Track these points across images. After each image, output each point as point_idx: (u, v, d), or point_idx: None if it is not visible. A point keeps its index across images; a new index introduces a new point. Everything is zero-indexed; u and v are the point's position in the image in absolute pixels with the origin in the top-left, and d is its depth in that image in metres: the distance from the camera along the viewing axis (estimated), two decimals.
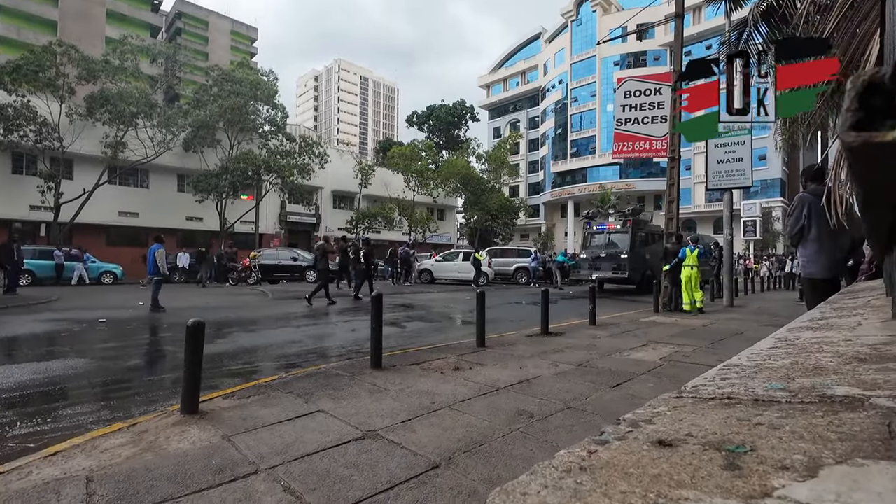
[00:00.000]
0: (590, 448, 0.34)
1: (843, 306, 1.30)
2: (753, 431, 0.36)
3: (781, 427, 0.37)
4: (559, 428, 2.71)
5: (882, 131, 0.39)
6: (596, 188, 45.92)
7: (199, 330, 3.11)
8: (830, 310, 1.25)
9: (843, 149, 0.45)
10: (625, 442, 0.36)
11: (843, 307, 1.25)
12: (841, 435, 0.35)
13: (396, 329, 7.51)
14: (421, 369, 4.31)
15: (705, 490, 0.28)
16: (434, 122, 52.71)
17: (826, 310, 1.25)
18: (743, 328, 7.22)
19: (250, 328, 7.57)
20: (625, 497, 0.27)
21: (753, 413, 0.41)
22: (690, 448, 0.34)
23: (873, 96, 0.39)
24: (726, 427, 0.37)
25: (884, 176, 0.45)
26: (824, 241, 3.59)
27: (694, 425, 0.38)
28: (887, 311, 1.06)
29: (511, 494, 0.30)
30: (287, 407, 3.21)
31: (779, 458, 0.31)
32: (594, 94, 50.08)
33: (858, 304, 1.30)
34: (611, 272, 16.07)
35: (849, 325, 0.93)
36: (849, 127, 0.42)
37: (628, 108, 10.62)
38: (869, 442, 0.33)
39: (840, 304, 1.36)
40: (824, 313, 1.15)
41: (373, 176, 33.74)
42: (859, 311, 1.08)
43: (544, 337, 6.22)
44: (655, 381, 3.80)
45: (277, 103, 28.12)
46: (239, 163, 24.60)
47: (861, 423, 0.37)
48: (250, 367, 4.91)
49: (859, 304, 1.32)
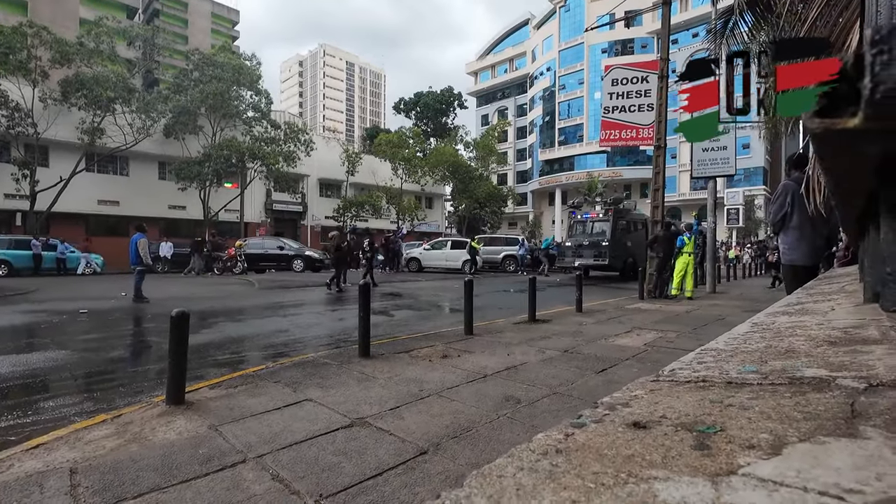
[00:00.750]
0: (566, 431, 0.35)
1: (818, 291, 1.34)
2: (725, 412, 0.37)
3: (751, 408, 0.38)
4: (545, 413, 2.76)
5: (844, 118, 0.40)
6: (583, 176, 46.16)
7: (184, 320, 3.07)
8: (806, 295, 1.29)
9: (809, 136, 0.46)
10: (601, 424, 0.37)
11: (818, 292, 1.29)
12: (806, 414, 0.36)
13: (384, 318, 7.52)
14: (409, 357, 4.33)
15: (675, 469, 0.29)
16: (422, 109, 52.16)
17: (802, 295, 1.29)
18: (724, 314, 7.39)
19: (237, 318, 7.51)
20: (597, 477, 0.28)
21: (726, 395, 0.42)
22: (663, 429, 0.35)
23: (838, 84, 0.40)
24: (699, 409, 0.39)
25: (848, 163, 0.46)
26: (805, 229, 3.65)
27: (669, 408, 0.40)
28: (860, 296, 1.09)
29: (488, 477, 0.30)
30: (275, 396, 3.21)
31: (746, 437, 0.32)
32: (582, 82, 50.03)
33: (833, 290, 1.34)
34: (592, 259, 16.63)
35: (822, 309, 0.96)
36: (813, 114, 0.42)
37: (615, 96, 10.64)
38: (832, 421, 0.34)
39: (816, 290, 1.40)
40: (800, 298, 1.18)
41: (360, 164, 33.41)
42: (833, 297, 1.11)
43: (532, 324, 6.29)
44: (639, 366, 3.88)
45: (261, 89, 27.52)
46: (222, 150, 24.10)
47: (826, 402, 0.39)
48: (237, 356, 4.88)
49: (834, 289, 1.36)
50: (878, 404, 0.37)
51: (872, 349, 0.56)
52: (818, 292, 1.25)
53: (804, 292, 1.34)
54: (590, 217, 17.76)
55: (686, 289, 9.47)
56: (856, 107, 0.39)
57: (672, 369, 0.54)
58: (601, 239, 16.68)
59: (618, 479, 0.28)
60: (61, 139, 22.35)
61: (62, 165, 22.56)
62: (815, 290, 1.42)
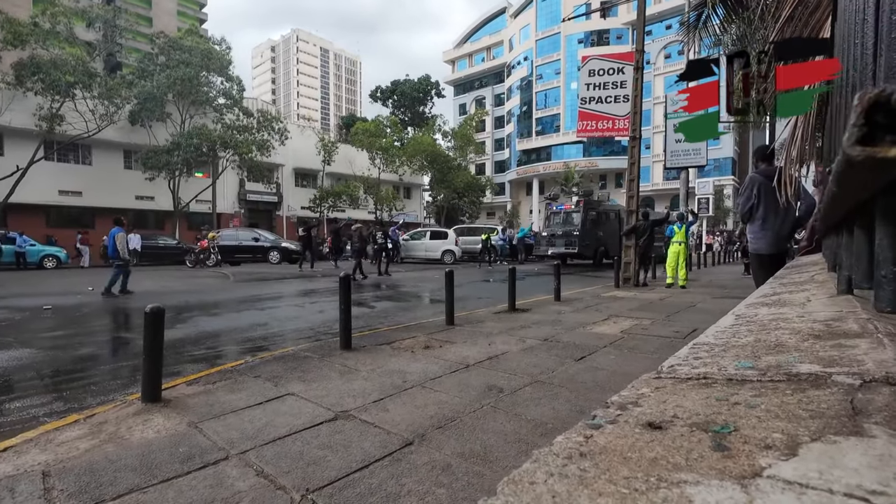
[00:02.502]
0: (585, 433, 0.36)
1: (790, 281, 1.41)
2: (733, 411, 0.39)
3: (757, 406, 0.40)
4: (527, 401, 2.81)
5: (883, 147, 0.42)
6: (560, 166, 46.62)
7: (159, 315, 2.98)
8: (780, 285, 1.35)
9: (843, 161, 0.48)
10: (617, 425, 0.38)
11: (791, 282, 1.35)
12: (811, 412, 0.38)
13: (365, 309, 7.48)
14: (391, 349, 4.33)
15: (701, 472, 0.30)
16: (399, 97, 51.55)
17: (776, 285, 1.35)
18: (696, 301, 7.65)
19: (212, 312, 7.33)
20: (629, 482, 0.29)
21: (730, 392, 0.44)
22: (679, 430, 0.36)
23: (877, 113, 0.41)
24: (707, 407, 0.40)
25: (873, 184, 0.49)
26: (770, 219, 3.82)
27: (678, 406, 0.41)
28: (830, 287, 1.15)
29: (520, 484, 0.31)
30: (256, 391, 3.16)
31: (760, 437, 0.34)
32: (559, 72, 50.28)
33: (804, 280, 1.41)
34: (564, 248, 17.83)
35: (799, 300, 1.01)
36: (854, 141, 0.44)
37: (592, 87, 10.74)
38: (837, 419, 0.36)
39: (787, 280, 1.47)
40: (775, 289, 1.24)
41: (336, 153, 32.87)
42: (806, 287, 1.17)
43: (512, 313, 6.36)
44: (617, 352, 3.99)
45: (232, 75, 26.62)
46: (192, 138, 23.27)
47: (827, 400, 0.41)
48: (214, 351, 4.77)
49: (804, 278, 1.43)
50: (875, 401, 0.39)
51: (856, 343, 0.59)
52: (791, 282, 1.31)
53: (777, 282, 1.40)
54: (563, 208, 18.87)
55: (680, 277, 9.74)
56: (893, 136, 0.41)
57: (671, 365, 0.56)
58: (573, 229, 17.71)
59: (649, 484, 0.29)
60: (17, 126, 21.17)
61: (18, 154, 21.39)
62: (787, 279, 1.49)
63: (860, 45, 0.96)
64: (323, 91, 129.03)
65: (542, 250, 18.91)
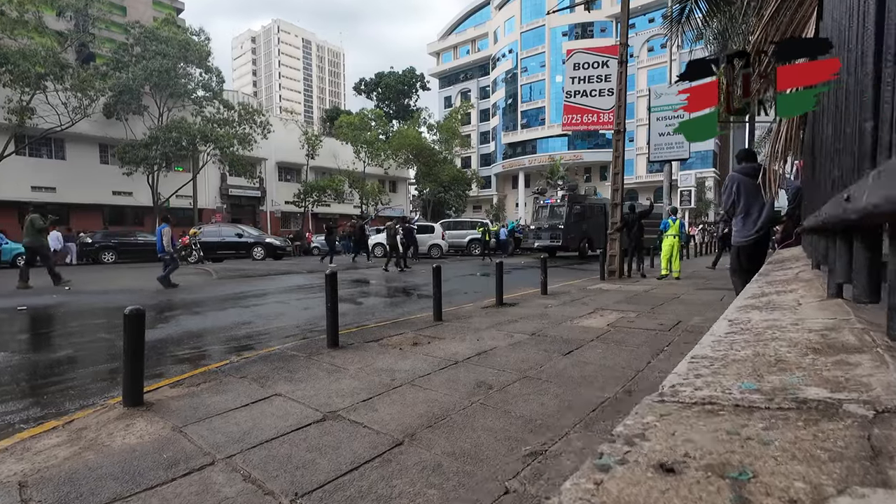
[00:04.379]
0: (594, 477, 0.34)
1: (776, 279, 1.42)
2: (747, 449, 0.38)
3: (772, 443, 0.39)
4: (516, 397, 2.82)
5: None
6: (546, 159, 46.83)
7: (139, 317, 2.90)
8: (767, 284, 1.36)
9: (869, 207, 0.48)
10: (627, 467, 0.36)
11: (777, 280, 1.36)
12: (830, 453, 0.37)
13: (352, 306, 7.42)
14: (379, 346, 4.30)
15: None
16: (383, 90, 50.99)
17: (763, 284, 1.36)
18: (679, 292, 7.77)
19: (195, 310, 7.19)
20: None
21: (739, 424, 0.43)
22: (694, 474, 0.34)
23: None
24: (719, 443, 0.39)
25: None
26: (749, 214, 4.09)
27: (687, 441, 0.40)
28: (817, 287, 1.16)
29: None
30: (242, 392, 3.11)
31: (782, 486, 0.33)
32: (543, 65, 50.32)
33: (789, 278, 1.43)
34: (549, 241, 18.53)
35: (789, 303, 1.01)
36: None
37: (577, 81, 10.77)
38: (858, 462, 0.35)
39: (773, 278, 1.48)
40: (763, 288, 1.25)
41: (320, 147, 32.46)
42: (793, 287, 1.17)
43: (499, 308, 6.38)
44: (603, 346, 4.03)
45: (211, 66, 25.99)
46: (171, 132, 22.69)
47: (843, 436, 0.40)
48: (198, 351, 4.68)
49: (789, 276, 1.45)
50: (892, 437, 0.39)
51: (859, 361, 0.59)
52: (777, 280, 1.32)
53: (763, 280, 1.41)
54: (550, 203, 19.44)
55: (674, 269, 9.96)
56: None
57: (673, 386, 0.55)
58: (558, 222, 18.37)
59: None
60: None
61: None
62: (773, 276, 1.51)
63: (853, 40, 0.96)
64: (306, 83, 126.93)
65: (529, 243, 19.64)
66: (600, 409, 2.60)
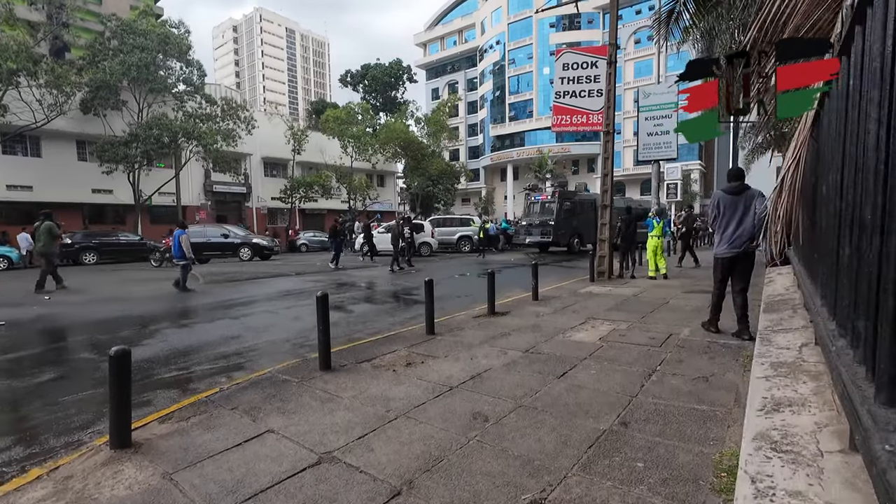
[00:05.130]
0: None
1: (779, 362, 1.35)
2: None
3: None
4: (513, 431, 2.80)
5: None
6: (534, 152, 46.83)
7: (124, 360, 2.81)
8: (771, 372, 1.31)
9: None
10: None
11: (780, 370, 1.28)
12: None
13: (342, 314, 7.35)
14: (372, 367, 4.26)
15: None
16: (370, 82, 50.32)
17: (768, 373, 1.30)
18: (668, 296, 7.85)
19: (181, 322, 7.05)
20: None
21: None
22: None
23: None
24: None
25: None
26: (729, 229, 4.52)
27: None
28: (829, 400, 1.06)
29: None
30: (233, 428, 3.05)
31: None
32: (531, 57, 50.10)
33: (792, 359, 1.34)
34: (540, 237, 18.78)
35: (808, 446, 0.94)
36: None
37: (566, 81, 10.72)
38: None
39: (775, 358, 1.41)
40: (771, 390, 1.14)
41: (306, 142, 31.94)
42: (803, 393, 1.09)
43: (491, 318, 6.38)
44: (597, 366, 4.04)
45: (192, 60, 25.30)
46: (151, 129, 22.09)
47: None
48: (186, 373, 4.59)
49: (791, 358, 1.37)
50: None
51: None
52: (780, 369, 1.25)
53: (767, 365, 1.34)
54: (541, 199, 19.72)
55: (660, 267, 10.20)
56: None
57: None
58: (549, 218, 18.56)
59: None
60: None
61: None
62: (773, 354, 1.45)
63: None
64: (290, 74, 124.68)
65: (521, 239, 19.87)
66: (597, 446, 2.60)
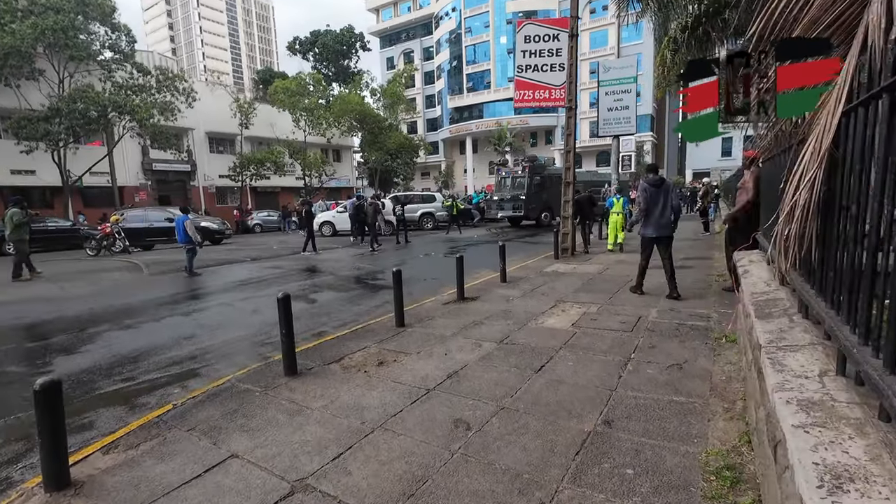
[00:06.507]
0: None
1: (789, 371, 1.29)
2: None
3: None
4: (497, 441, 2.69)
5: None
6: (493, 124, 46.50)
7: (53, 393, 2.42)
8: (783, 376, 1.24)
9: None
10: None
11: (791, 376, 1.22)
12: None
13: (304, 305, 7.00)
14: (342, 369, 4.03)
15: None
16: (320, 50, 47.68)
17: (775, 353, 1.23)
18: (630, 273, 7.95)
19: (125, 323, 6.44)
20: None
21: None
22: None
23: None
24: None
25: None
26: (651, 215, 5.74)
27: None
28: (850, 412, 0.99)
29: None
30: (191, 455, 2.75)
31: None
32: (487, 25, 49.02)
33: (799, 341, 1.27)
34: (512, 211, 19.38)
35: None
36: None
37: (528, 55, 10.45)
38: None
39: (787, 362, 1.36)
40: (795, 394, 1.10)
41: (254, 115, 30.04)
42: (853, 436, 1.00)
43: (461, 304, 6.26)
44: (573, 357, 4.00)
45: (118, 23, 22.80)
46: (75, 102, 19.91)
47: None
48: (133, 384, 4.16)
49: (805, 344, 1.30)
50: None
51: None
52: (810, 404, 1.16)
53: (796, 405, 1.25)
54: (511, 174, 20.20)
55: (620, 238, 10.66)
56: None
57: None
58: (520, 193, 19.08)
59: None
60: None
61: None
62: (784, 359, 1.40)
63: None
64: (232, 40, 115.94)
65: (493, 213, 20.50)
66: (584, 451, 2.54)
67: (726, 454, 2.39)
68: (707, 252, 9.94)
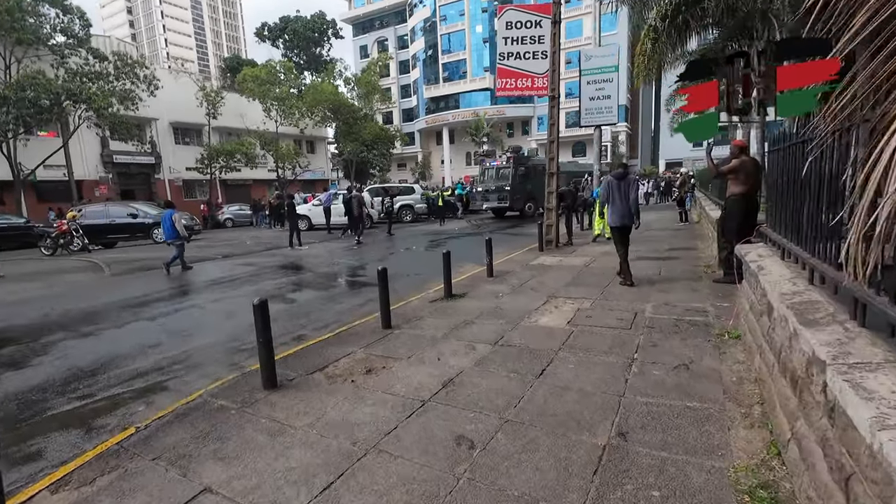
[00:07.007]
0: None
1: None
2: None
3: None
4: (506, 461, 2.44)
5: None
6: (469, 115, 46.09)
7: None
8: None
9: None
10: None
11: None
12: None
13: (283, 305, 6.59)
14: (327, 379, 3.70)
15: None
16: (291, 37, 46.12)
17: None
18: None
19: (84, 329, 5.91)
20: None
21: None
22: None
23: None
24: None
25: None
26: (616, 206, 6.19)
27: None
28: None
29: None
30: (156, 490, 2.40)
31: None
32: (463, 14, 48.32)
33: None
34: (497, 202, 19.41)
35: None
36: None
37: (510, 42, 10.14)
38: None
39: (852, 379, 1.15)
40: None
41: (222, 104, 28.73)
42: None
43: (449, 301, 5.99)
44: (574, 359, 3.79)
45: (70, 5, 21.29)
46: (24, 90, 18.50)
47: None
48: (90, 402, 3.73)
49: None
50: None
51: None
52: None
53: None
54: (496, 165, 20.14)
55: (605, 230, 10.72)
56: None
57: None
58: (504, 184, 19.09)
59: None
60: None
61: None
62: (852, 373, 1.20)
63: None
64: (196, 26, 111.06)
65: (478, 205, 20.58)
66: (602, 470, 2.31)
67: (756, 469, 2.21)
68: (690, 242, 9.96)
